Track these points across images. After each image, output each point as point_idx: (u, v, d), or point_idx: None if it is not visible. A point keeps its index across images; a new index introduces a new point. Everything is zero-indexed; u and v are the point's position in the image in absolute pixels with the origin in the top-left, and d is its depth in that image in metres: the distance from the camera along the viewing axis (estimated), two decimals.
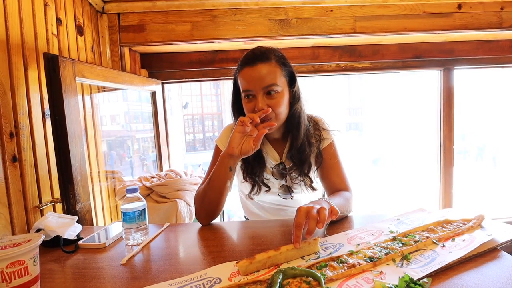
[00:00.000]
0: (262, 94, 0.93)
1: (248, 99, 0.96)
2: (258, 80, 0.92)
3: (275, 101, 0.94)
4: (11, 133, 1.07)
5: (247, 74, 0.94)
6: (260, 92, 0.93)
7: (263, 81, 0.92)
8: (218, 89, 21.76)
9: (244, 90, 0.96)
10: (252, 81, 0.93)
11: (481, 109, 17.23)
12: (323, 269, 0.63)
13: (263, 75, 0.92)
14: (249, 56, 0.95)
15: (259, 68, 0.92)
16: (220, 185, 0.96)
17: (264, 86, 0.92)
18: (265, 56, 0.94)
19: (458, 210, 0.94)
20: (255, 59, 0.93)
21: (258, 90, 0.93)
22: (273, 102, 0.94)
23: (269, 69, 0.93)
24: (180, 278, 0.65)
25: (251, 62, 0.93)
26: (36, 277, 0.63)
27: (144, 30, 1.80)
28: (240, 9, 1.79)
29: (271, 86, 0.93)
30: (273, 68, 0.94)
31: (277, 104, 0.94)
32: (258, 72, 0.92)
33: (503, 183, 8.57)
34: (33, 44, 1.21)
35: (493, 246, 0.70)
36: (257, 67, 0.92)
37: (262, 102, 0.92)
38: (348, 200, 0.97)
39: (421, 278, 0.58)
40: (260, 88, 0.93)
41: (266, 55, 0.94)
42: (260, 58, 0.93)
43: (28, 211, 1.13)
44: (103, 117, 1.83)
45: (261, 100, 0.92)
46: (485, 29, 1.82)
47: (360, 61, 2.14)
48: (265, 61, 0.93)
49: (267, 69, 0.93)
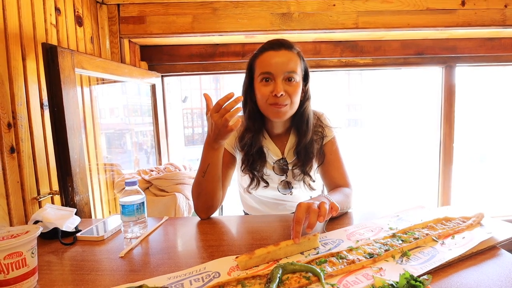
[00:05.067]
0: (282, 78, 0.94)
1: (266, 82, 0.96)
2: (281, 64, 0.93)
3: (293, 89, 0.95)
4: (9, 123, 1.06)
5: (270, 56, 0.95)
6: (280, 76, 0.94)
7: (286, 66, 0.94)
8: (218, 83, 21.65)
9: (263, 72, 0.95)
10: (275, 64, 0.94)
11: (482, 107, 17.23)
12: (323, 265, 0.63)
13: (287, 60, 0.94)
14: (274, 42, 0.98)
15: (283, 53, 0.95)
16: (216, 175, 0.95)
17: (286, 71, 0.94)
18: (290, 45, 0.98)
19: (457, 208, 0.94)
20: (280, 45, 0.96)
21: (280, 74, 0.93)
22: (291, 89, 0.95)
23: (292, 57, 0.96)
24: (179, 272, 0.65)
25: (276, 46, 0.96)
26: (34, 268, 0.63)
27: (144, 22, 1.77)
28: (241, 2, 1.76)
29: (292, 73, 0.94)
30: (295, 58, 0.97)
31: (294, 91, 0.95)
32: (282, 57, 0.94)
33: (502, 181, 8.60)
34: (32, 34, 1.19)
35: (492, 244, 0.70)
36: (281, 52, 0.95)
37: (280, 86, 0.93)
38: (348, 196, 0.97)
39: (421, 275, 0.58)
40: (282, 72, 0.93)
41: (291, 45, 0.98)
42: (285, 46, 0.97)
43: (26, 203, 1.12)
44: (102, 109, 1.82)
45: (279, 84, 0.93)
46: (488, 26, 1.81)
47: (361, 57, 2.12)
48: (289, 49, 0.97)
49: (290, 56, 0.96)
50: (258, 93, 0.98)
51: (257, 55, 0.99)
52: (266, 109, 0.98)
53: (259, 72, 0.97)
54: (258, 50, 1.00)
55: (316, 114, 1.11)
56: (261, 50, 0.98)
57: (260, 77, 0.96)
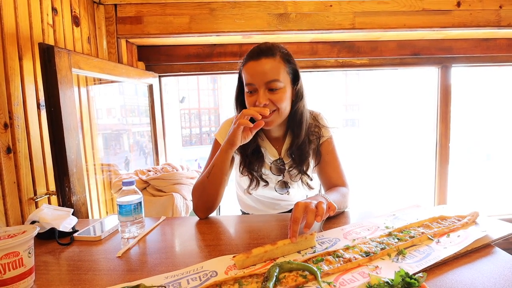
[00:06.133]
0: (264, 88, 0.93)
1: (250, 93, 0.96)
2: (261, 75, 0.92)
3: (277, 96, 0.94)
4: (5, 124, 1.05)
5: (251, 67, 0.94)
6: (262, 87, 0.93)
7: (265, 76, 0.92)
8: (215, 84, 21.64)
9: (247, 83, 0.96)
10: (255, 75, 0.93)
11: (477, 106, 17.31)
12: (319, 263, 0.63)
13: (266, 70, 0.92)
14: (255, 50, 0.96)
15: (263, 62, 0.92)
16: (221, 178, 0.98)
17: (266, 81, 0.92)
18: (270, 52, 0.94)
19: (453, 207, 0.95)
20: (260, 53, 0.94)
21: (261, 85, 0.93)
22: (275, 98, 0.94)
23: (273, 65, 0.93)
24: (176, 271, 0.65)
25: (256, 56, 0.94)
26: (30, 268, 0.63)
27: (142, 22, 1.77)
28: (239, 3, 1.77)
29: (273, 82, 0.93)
30: (277, 64, 0.94)
31: (279, 99, 0.94)
32: (262, 67, 0.92)
33: (499, 180, 8.66)
34: (28, 34, 1.19)
35: (487, 242, 0.71)
36: (261, 61, 0.92)
37: (263, 96, 0.92)
38: (345, 196, 0.97)
39: (416, 273, 0.59)
40: (262, 83, 0.92)
41: (271, 51, 0.94)
42: (265, 53, 0.93)
43: (22, 203, 1.12)
44: (99, 110, 1.82)
45: (262, 95, 0.92)
46: (483, 27, 1.82)
47: (358, 57, 2.14)
48: (269, 56, 0.93)
49: (271, 64, 0.93)
50: (246, 103, 0.99)
51: (243, 64, 0.98)
52: None
53: (244, 83, 0.98)
54: (244, 58, 0.99)
55: (313, 114, 1.11)
56: (245, 59, 0.97)
57: (246, 88, 0.97)
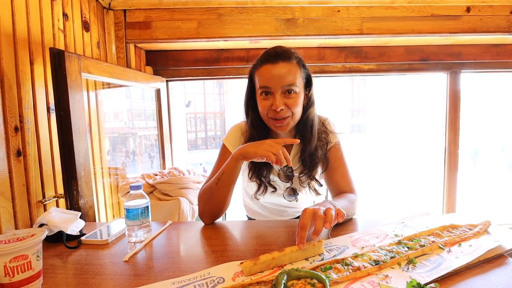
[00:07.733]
0: (280, 92, 0.93)
1: (265, 95, 0.96)
2: (279, 78, 0.92)
3: (292, 101, 0.94)
4: (16, 127, 1.07)
5: (267, 71, 0.94)
6: (279, 90, 0.93)
7: (284, 80, 0.92)
8: (221, 88, 21.74)
9: (262, 86, 0.95)
10: (273, 79, 0.93)
11: (487, 112, 17.06)
12: (328, 271, 0.62)
13: (284, 73, 0.92)
14: (271, 54, 0.95)
15: (280, 66, 0.93)
16: (230, 185, 0.97)
17: (284, 85, 0.93)
18: (287, 55, 0.94)
19: (464, 215, 0.93)
20: (277, 57, 0.94)
21: (278, 88, 0.93)
22: (290, 102, 0.94)
23: (290, 69, 0.93)
24: (183, 277, 0.65)
25: (273, 59, 0.94)
26: (39, 272, 0.63)
27: (150, 27, 1.80)
28: (246, 8, 1.78)
29: (290, 86, 0.93)
30: (294, 68, 0.94)
31: (294, 103, 0.95)
32: (280, 70, 0.92)
33: (508, 188, 8.50)
34: (40, 39, 1.21)
35: (500, 252, 0.69)
36: (279, 65, 0.93)
37: (280, 100, 0.92)
38: (353, 202, 0.96)
39: (427, 283, 0.57)
40: (280, 86, 0.93)
41: (288, 55, 0.95)
42: (282, 57, 0.94)
43: (31, 206, 1.13)
44: (107, 113, 1.84)
45: (279, 99, 0.92)
46: (493, 32, 1.80)
47: (366, 63, 2.13)
48: (287, 60, 0.94)
49: (288, 68, 0.93)
50: (259, 106, 0.99)
51: (256, 67, 0.98)
52: (268, 122, 0.99)
53: (258, 85, 0.97)
54: (257, 61, 0.99)
55: (320, 119, 1.11)
56: (260, 61, 0.97)
57: (260, 91, 0.96)
